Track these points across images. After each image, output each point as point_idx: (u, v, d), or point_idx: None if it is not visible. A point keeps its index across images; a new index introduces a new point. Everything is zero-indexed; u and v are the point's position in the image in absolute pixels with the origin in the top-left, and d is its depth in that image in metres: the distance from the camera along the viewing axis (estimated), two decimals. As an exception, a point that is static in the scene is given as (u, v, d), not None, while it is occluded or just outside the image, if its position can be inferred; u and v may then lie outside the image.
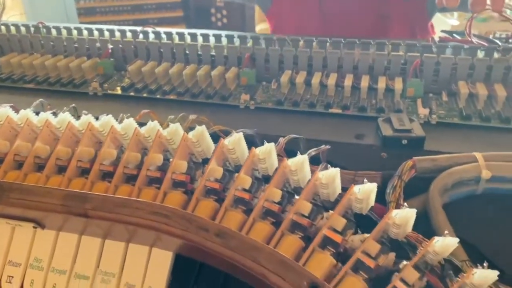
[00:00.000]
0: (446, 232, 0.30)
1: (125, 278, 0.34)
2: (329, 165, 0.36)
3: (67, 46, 0.67)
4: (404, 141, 0.46)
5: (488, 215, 0.43)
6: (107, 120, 0.38)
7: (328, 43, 0.60)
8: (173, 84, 0.59)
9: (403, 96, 0.54)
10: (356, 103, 0.53)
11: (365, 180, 0.34)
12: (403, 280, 0.28)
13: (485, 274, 0.27)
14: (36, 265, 0.36)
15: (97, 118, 0.40)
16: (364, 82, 0.55)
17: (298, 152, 0.36)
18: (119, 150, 0.38)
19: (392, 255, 0.32)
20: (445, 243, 0.29)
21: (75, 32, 0.68)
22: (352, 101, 0.54)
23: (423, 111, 0.51)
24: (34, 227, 0.36)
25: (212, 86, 0.58)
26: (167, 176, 0.35)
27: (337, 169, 0.34)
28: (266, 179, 0.36)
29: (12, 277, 0.36)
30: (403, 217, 0.30)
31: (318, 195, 0.35)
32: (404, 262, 0.30)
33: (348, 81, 0.55)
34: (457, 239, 0.30)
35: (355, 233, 0.33)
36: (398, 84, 0.54)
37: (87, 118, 0.39)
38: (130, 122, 0.38)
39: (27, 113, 0.41)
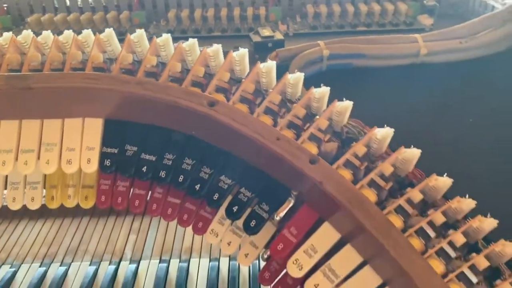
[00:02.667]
0: (296, 75, 0.44)
1: (65, 145, 0.43)
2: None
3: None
4: (270, 44, 0.60)
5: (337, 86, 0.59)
6: (27, 33, 0.46)
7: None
8: (72, 28, 0.67)
9: (267, 21, 0.69)
10: (233, 27, 0.67)
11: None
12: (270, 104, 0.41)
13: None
14: (-17, 151, 0.43)
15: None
16: (236, 11, 0.68)
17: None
18: (42, 55, 0.47)
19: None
20: (295, 77, 0.43)
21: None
22: (229, 26, 0.67)
23: (282, 27, 0.66)
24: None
25: (108, 27, 0.67)
26: (88, 65, 0.44)
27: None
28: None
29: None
30: (267, 67, 0.44)
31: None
32: (270, 91, 0.43)
33: (223, 12, 0.68)
34: (302, 75, 0.44)
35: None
36: (262, 11, 0.69)
37: (8, 34, 0.47)
38: (48, 34, 0.47)
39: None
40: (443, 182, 0.35)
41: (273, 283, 0.43)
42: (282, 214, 0.39)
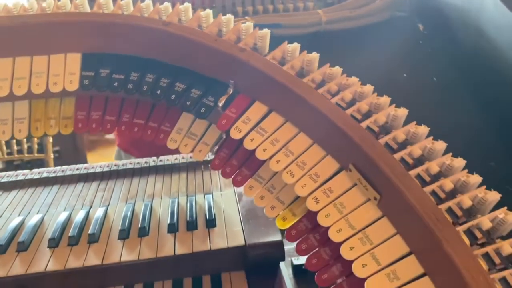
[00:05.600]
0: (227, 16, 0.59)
1: (52, 72, 0.54)
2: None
3: None
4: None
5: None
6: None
7: None
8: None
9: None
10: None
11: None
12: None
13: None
14: (-17, 81, 0.54)
15: None
16: (180, 12, 0.85)
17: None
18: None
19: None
20: (226, 17, 0.58)
21: None
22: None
23: (218, 20, 0.83)
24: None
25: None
26: (68, 18, 0.58)
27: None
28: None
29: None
30: (205, 13, 0.59)
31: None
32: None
33: (170, 13, 0.85)
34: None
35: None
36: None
37: None
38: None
39: None
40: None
41: (222, 167, 0.55)
42: (223, 100, 0.52)
